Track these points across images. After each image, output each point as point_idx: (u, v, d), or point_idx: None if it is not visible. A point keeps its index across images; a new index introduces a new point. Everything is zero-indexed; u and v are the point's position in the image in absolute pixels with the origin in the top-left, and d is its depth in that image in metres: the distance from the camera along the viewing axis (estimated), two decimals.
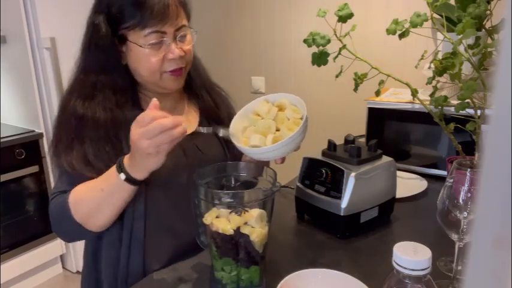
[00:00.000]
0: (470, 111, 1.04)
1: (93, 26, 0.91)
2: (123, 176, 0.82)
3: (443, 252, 0.88)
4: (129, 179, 0.82)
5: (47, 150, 2.26)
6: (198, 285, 0.85)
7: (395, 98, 1.43)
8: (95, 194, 0.86)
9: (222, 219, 0.76)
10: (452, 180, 0.75)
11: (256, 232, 0.76)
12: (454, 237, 0.76)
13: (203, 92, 1.09)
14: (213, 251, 0.79)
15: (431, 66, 1.06)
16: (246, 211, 0.76)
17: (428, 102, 1.10)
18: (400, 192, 1.15)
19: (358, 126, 1.53)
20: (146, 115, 0.75)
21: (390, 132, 1.45)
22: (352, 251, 0.97)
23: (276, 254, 0.93)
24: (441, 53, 1.15)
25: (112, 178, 0.84)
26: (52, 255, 2.40)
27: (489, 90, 1.01)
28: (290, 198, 1.16)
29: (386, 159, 1.05)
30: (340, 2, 1.06)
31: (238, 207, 0.76)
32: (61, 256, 2.49)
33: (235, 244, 0.76)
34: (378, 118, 1.44)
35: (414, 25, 1.02)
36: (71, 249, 2.45)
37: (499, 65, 0.22)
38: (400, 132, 1.44)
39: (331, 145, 1.06)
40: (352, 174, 0.97)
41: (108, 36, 0.90)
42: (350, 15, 1.02)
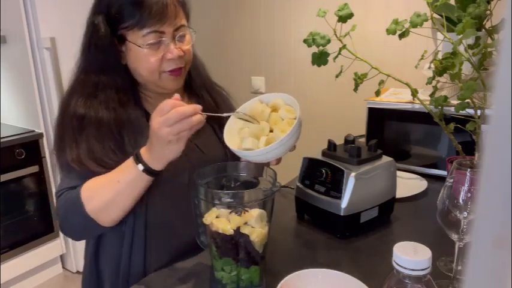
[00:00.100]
0: (470, 111, 1.04)
1: (92, 26, 0.91)
2: (141, 166, 0.83)
3: (443, 252, 0.88)
4: (147, 170, 0.83)
5: (47, 150, 2.26)
6: (198, 285, 0.86)
7: (395, 98, 1.43)
8: (111, 186, 0.86)
9: (222, 219, 0.76)
10: (452, 180, 0.75)
11: (256, 232, 0.76)
12: (454, 237, 0.76)
13: (203, 91, 1.09)
14: (213, 251, 0.79)
15: (431, 66, 1.06)
16: (246, 211, 0.76)
17: (428, 102, 1.10)
18: (400, 192, 1.15)
19: (358, 126, 1.53)
20: (165, 104, 0.77)
21: (390, 132, 1.45)
22: (352, 251, 0.97)
23: (276, 254, 0.93)
24: (441, 53, 1.15)
25: (129, 169, 0.85)
26: (52, 255, 2.40)
27: (489, 90, 1.01)
28: (290, 198, 1.16)
29: (386, 159, 1.05)
30: (340, 2, 1.06)
31: (238, 207, 0.76)
32: (61, 256, 2.49)
33: (235, 244, 0.76)
34: (378, 118, 1.44)
35: (414, 25, 1.02)
36: (71, 249, 2.45)
37: (499, 65, 0.22)
38: (400, 132, 1.44)
39: (331, 145, 1.06)
40: (352, 174, 0.97)
41: (107, 36, 0.90)
42: (350, 15, 1.02)
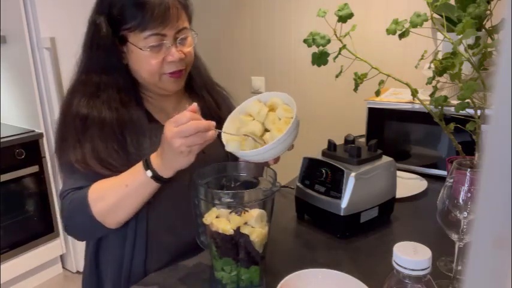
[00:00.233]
0: (470, 111, 1.04)
1: (94, 25, 0.91)
2: (149, 173, 0.84)
3: (443, 252, 0.88)
4: (156, 176, 0.84)
5: (47, 150, 2.26)
6: (198, 285, 0.86)
7: (395, 98, 1.43)
8: (118, 189, 0.86)
9: (222, 219, 0.76)
10: (452, 180, 0.75)
11: (256, 232, 0.76)
12: (454, 237, 0.76)
13: (204, 91, 1.09)
14: (213, 251, 0.79)
15: (431, 66, 1.06)
16: (246, 211, 0.76)
17: (428, 102, 1.10)
18: (400, 192, 1.15)
19: (358, 126, 1.53)
20: (183, 115, 0.77)
21: (390, 132, 1.45)
22: (352, 251, 0.97)
23: (276, 254, 0.93)
24: (441, 53, 1.15)
25: (138, 174, 0.85)
26: (52, 255, 2.40)
27: (489, 90, 1.01)
28: (290, 198, 1.16)
29: (386, 159, 1.05)
30: (340, 2, 1.06)
31: (238, 207, 0.76)
32: (61, 256, 2.49)
33: (235, 244, 0.76)
34: (378, 118, 1.44)
35: (414, 25, 1.02)
36: (71, 249, 2.45)
37: (499, 65, 0.22)
38: (400, 132, 1.44)
39: (331, 145, 1.06)
40: (352, 174, 0.97)
41: (108, 36, 0.90)
42: (350, 15, 1.02)
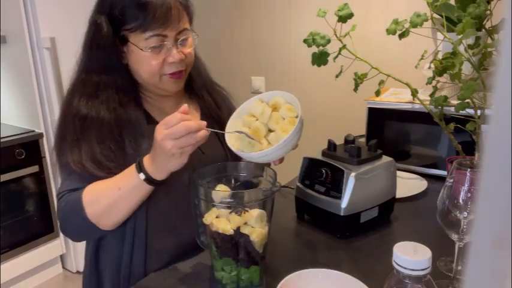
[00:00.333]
0: (470, 111, 1.04)
1: (95, 25, 0.91)
2: (142, 176, 0.83)
3: (443, 252, 0.88)
4: (149, 179, 0.83)
5: (47, 150, 2.26)
6: (198, 285, 0.86)
7: (395, 98, 1.43)
8: (111, 192, 0.86)
9: (222, 219, 0.76)
10: (452, 180, 0.75)
11: (256, 232, 0.76)
12: (454, 237, 0.76)
13: (204, 92, 1.09)
14: (213, 251, 0.79)
15: (431, 66, 1.06)
16: (246, 211, 0.76)
17: (428, 102, 1.10)
18: (400, 192, 1.15)
19: (358, 126, 1.53)
20: (173, 117, 0.77)
21: (390, 132, 1.45)
22: (352, 251, 0.97)
23: (276, 254, 0.93)
24: (441, 53, 1.15)
25: (131, 177, 0.85)
26: (52, 255, 2.40)
27: (489, 90, 1.01)
28: (290, 198, 1.16)
29: (386, 159, 1.05)
30: (340, 2, 1.06)
31: (238, 207, 0.76)
32: (61, 256, 2.49)
33: (235, 244, 0.76)
34: (378, 118, 1.44)
35: (414, 25, 1.02)
36: (71, 249, 2.45)
37: (499, 65, 0.22)
38: (400, 132, 1.44)
39: (331, 145, 1.06)
40: (352, 174, 0.97)
41: (109, 36, 0.90)
42: (350, 15, 1.02)
